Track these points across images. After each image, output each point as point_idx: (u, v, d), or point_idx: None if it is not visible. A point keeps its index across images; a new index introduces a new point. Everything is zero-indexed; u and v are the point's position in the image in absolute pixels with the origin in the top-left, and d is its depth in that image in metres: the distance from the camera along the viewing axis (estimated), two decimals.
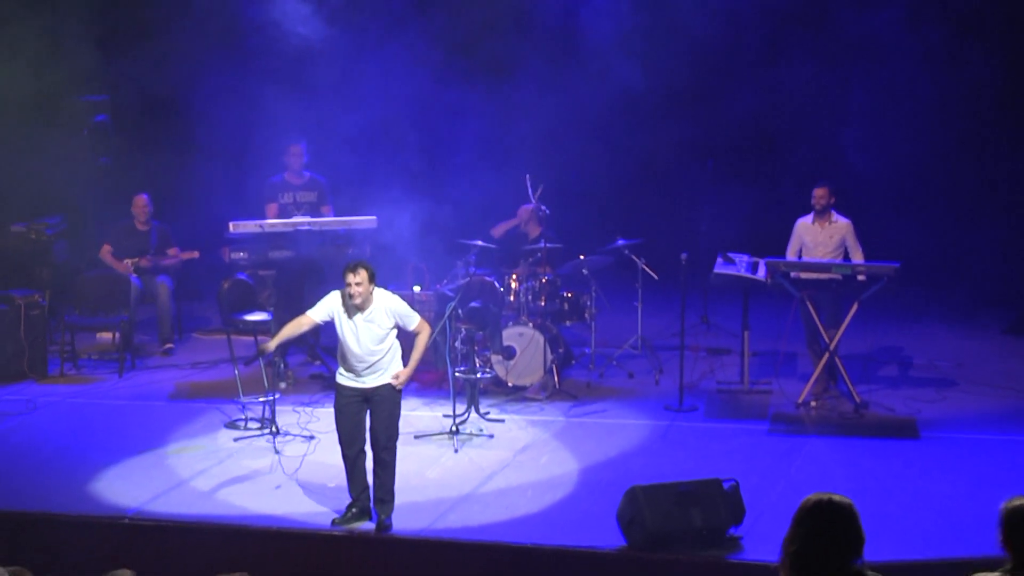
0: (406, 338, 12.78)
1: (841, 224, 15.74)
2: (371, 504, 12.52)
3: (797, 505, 7.67)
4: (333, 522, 12.52)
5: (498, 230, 17.29)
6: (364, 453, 12.54)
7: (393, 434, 12.47)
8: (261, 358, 13.94)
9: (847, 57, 19.77)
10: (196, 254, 18.36)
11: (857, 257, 15.54)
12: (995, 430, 14.84)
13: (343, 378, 12.46)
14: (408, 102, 19.10)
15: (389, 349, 12.35)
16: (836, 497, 7.22)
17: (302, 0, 17.48)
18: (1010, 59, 19.30)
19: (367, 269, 12.07)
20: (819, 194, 15.65)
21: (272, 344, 13.24)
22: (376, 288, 12.23)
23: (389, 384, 12.35)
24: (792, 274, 15.25)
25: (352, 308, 12.19)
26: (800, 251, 15.81)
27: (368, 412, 12.42)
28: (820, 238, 15.73)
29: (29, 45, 17.10)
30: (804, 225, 15.86)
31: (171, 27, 19.18)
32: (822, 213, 15.70)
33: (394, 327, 12.33)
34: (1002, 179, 19.51)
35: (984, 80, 19.41)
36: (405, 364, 12.55)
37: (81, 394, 16.84)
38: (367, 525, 12.53)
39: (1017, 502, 7.37)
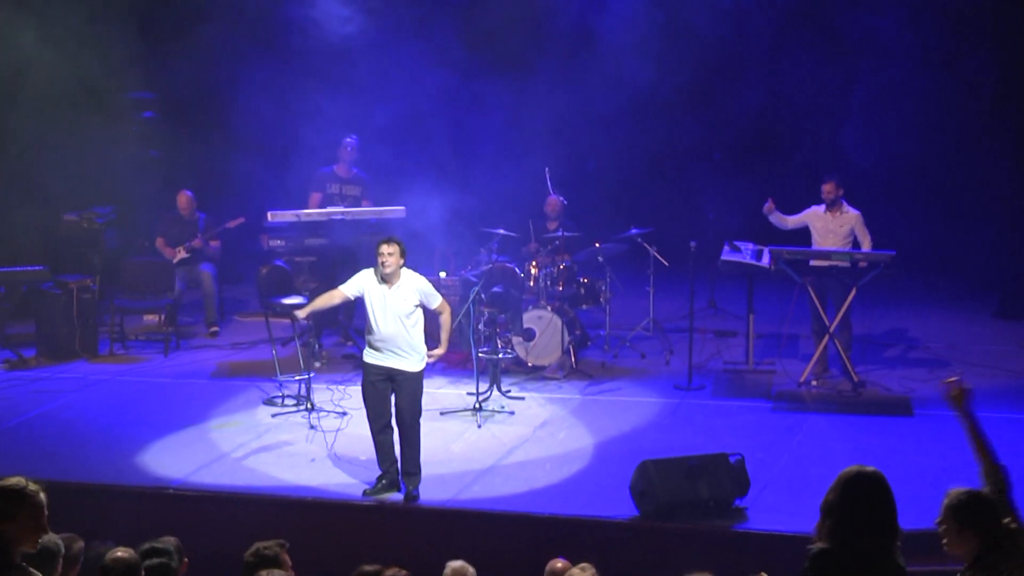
0: (431, 322, 12.85)
1: (851, 215, 15.70)
2: (399, 476, 12.57)
3: (800, 478, 7.68)
4: (364, 493, 12.56)
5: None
6: (391, 428, 12.59)
7: (417, 412, 12.56)
8: (298, 339, 14.00)
9: (848, 57, 19.70)
10: (241, 219, 18.31)
11: (866, 245, 15.52)
12: (985, 408, 14.56)
13: (370, 356, 12.51)
14: (436, 97, 19.07)
15: (413, 326, 12.41)
16: (870, 469, 7.24)
17: (338, 0, 17.45)
18: (1003, 60, 19.23)
19: (399, 244, 12.30)
20: (827, 188, 15.65)
21: (304, 312, 13.47)
22: (405, 268, 12.35)
23: (411, 372, 12.43)
24: (799, 260, 15.26)
25: (382, 282, 12.30)
26: (811, 235, 15.81)
27: (393, 391, 12.49)
28: (831, 227, 15.70)
29: (81, 47, 17.08)
30: (817, 213, 15.82)
31: (214, 27, 19.13)
32: (832, 205, 15.66)
33: (418, 305, 12.39)
34: (992, 174, 19.42)
35: (977, 81, 19.34)
36: (429, 346, 12.61)
37: (129, 373, 16.86)
38: (396, 496, 12.55)
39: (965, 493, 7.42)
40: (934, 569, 9.97)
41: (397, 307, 12.30)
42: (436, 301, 12.63)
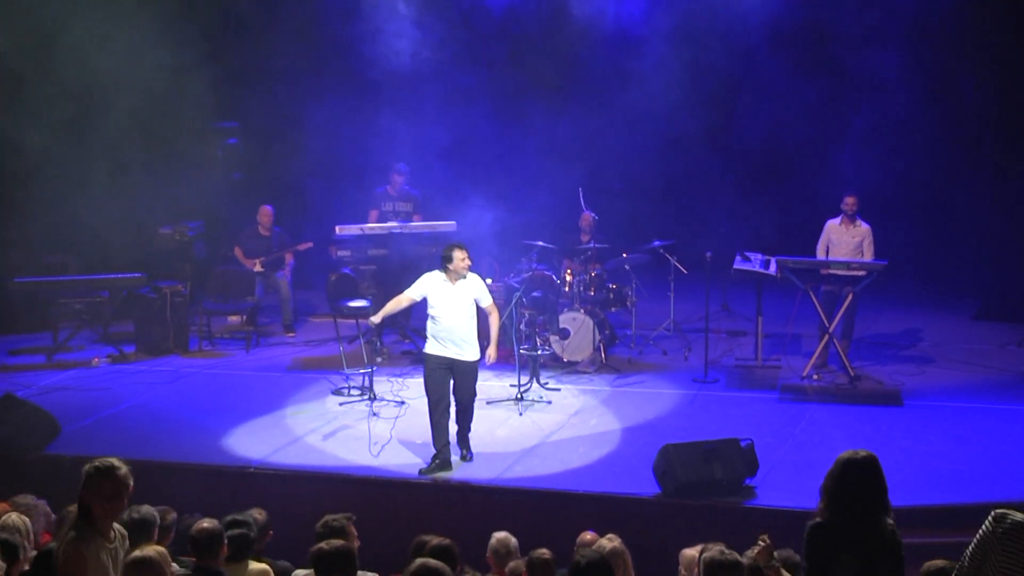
0: (482, 322, 12.94)
1: (863, 228, 15.70)
2: (450, 457, 12.68)
3: (803, 460, 7.64)
4: (420, 471, 12.58)
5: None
6: (448, 412, 12.73)
7: (472, 395, 12.89)
8: (362, 337, 14.06)
9: (847, 92, 19.63)
10: (310, 244, 18.38)
11: (868, 256, 15.51)
12: (966, 399, 14.75)
13: (432, 348, 12.68)
14: (484, 122, 19.03)
15: (471, 319, 12.67)
16: (862, 453, 7.25)
17: (400, 37, 17.44)
18: (985, 95, 19.15)
19: (466, 251, 12.68)
20: (849, 201, 15.68)
21: (377, 317, 13.58)
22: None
23: (469, 362, 12.67)
24: (811, 269, 15.25)
25: (446, 281, 12.58)
26: (828, 247, 15.77)
27: (452, 379, 12.64)
28: (844, 238, 15.68)
29: (175, 81, 17.13)
30: (832, 226, 15.80)
31: (289, 62, 19.22)
32: (850, 218, 15.64)
33: (474, 301, 12.64)
34: (973, 195, 19.34)
35: (962, 112, 19.26)
36: (480, 343, 12.84)
37: (215, 366, 16.89)
38: (449, 474, 12.56)
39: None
40: (922, 541, 9.92)
41: (460, 303, 12.60)
42: (487, 301, 12.90)
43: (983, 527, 7.11)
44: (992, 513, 7.10)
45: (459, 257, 12.53)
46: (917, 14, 18.31)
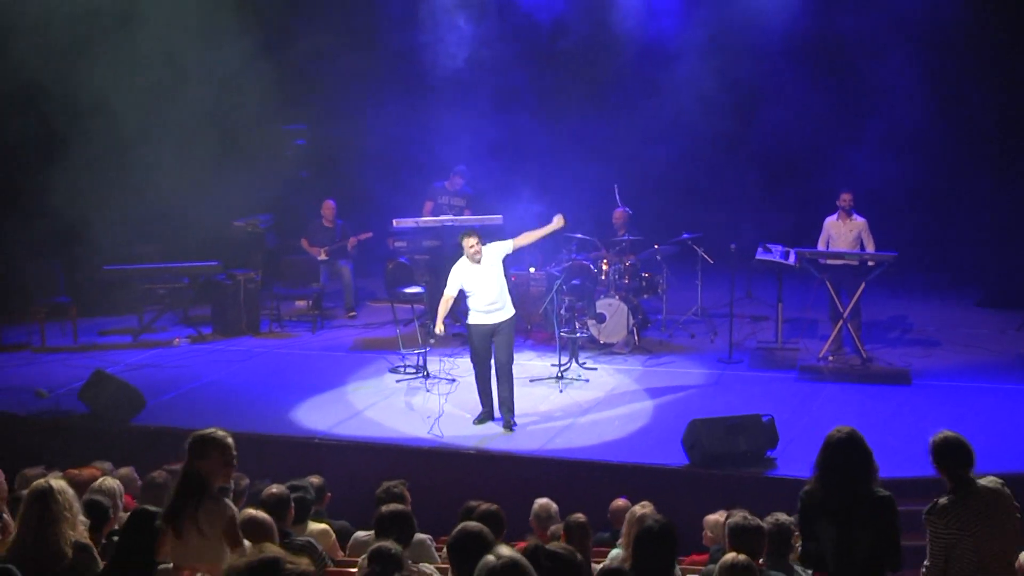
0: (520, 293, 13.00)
1: (859, 222, 15.61)
2: (496, 410, 13.08)
3: (820, 434, 7.62)
4: (473, 423, 13.09)
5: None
6: (491, 373, 13.02)
7: (511, 356, 13.06)
8: (416, 320, 14.19)
9: (860, 97, 19.51)
10: (370, 234, 18.42)
11: (870, 247, 15.42)
12: (969, 379, 14.69)
13: (475, 319, 12.98)
14: (530, 123, 19.03)
15: (501, 285, 12.93)
16: (847, 428, 7.31)
17: (453, 45, 17.42)
18: (994, 91, 19.10)
19: (476, 235, 12.95)
20: (846, 197, 15.60)
21: (439, 328, 13.28)
22: (482, 244, 12.91)
23: (508, 320, 12.93)
24: (821, 260, 15.16)
25: (475, 264, 12.78)
26: (828, 242, 15.68)
27: (493, 344, 12.84)
28: (842, 231, 15.60)
29: (250, 88, 17.19)
30: (831, 222, 15.73)
31: (351, 68, 19.22)
32: (846, 213, 15.58)
33: (501, 262, 12.89)
34: (976, 191, 19.21)
35: (969, 111, 19.16)
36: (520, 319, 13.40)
37: (284, 346, 16.97)
38: (494, 444, 12.59)
39: (943, 434, 7.47)
40: (923, 508, 9.89)
41: (490, 275, 12.86)
42: (509, 243, 13.16)
43: (928, 528, 7.33)
44: (925, 516, 7.27)
45: (467, 244, 12.85)
46: (925, 24, 18.21)
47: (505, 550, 5.13)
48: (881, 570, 7.24)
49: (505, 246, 13.03)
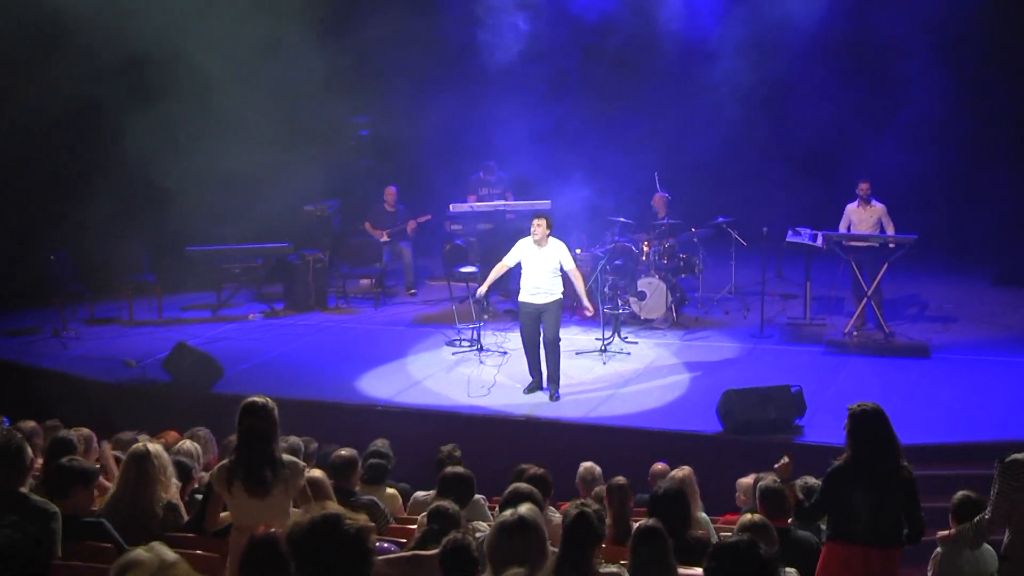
0: (570, 287, 13.01)
1: (878, 207, 15.48)
2: (544, 383, 13.08)
3: (845, 404, 7.58)
4: (524, 392, 13.11)
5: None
6: (539, 348, 13.02)
7: (558, 334, 13.04)
8: (471, 297, 14.24)
9: (885, 90, 19.34)
10: (429, 216, 18.42)
11: (890, 230, 15.30)
12: (985, 352, 14.60)
13: (525, 297, 12.97)
14: (575, 112, 18.98)
15: (553, 274, 12.83)
16: (871, 404, 7.29)
17: (506, 40, 17.36)
18: (1011, 83, 18.95)
19: (546, 218, 12.92)
20: (863, 187, 15.47)
21: (484, 288, 13.75)
22: (551, 236, 12.81)
23: (554, 301, 12.87)
24: (846, 242, 15.08)
25: (537, 246, 12.74)
26: (849, 227, 15.57)
27: (541, 322, 12.83)
28: (863, 217, 15.47)
29: (319, 82, 17.22)
30: (851, 208, 15.60)
31: (412, 63, 19.22)
32: (865, 200, 15.47)
33: (559, 263, 12.79)
34: (991, 177, 19.06)
35: (987, 102, 19.03)
36: (566, 296, 13.21)
37: (349, 321, 17.04)
38: (542, 411, 12.60)
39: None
40: (948, 473, 9.86)
41: (545, 263, 12.78)
42: (569, 265, 13.03)
43: (999, 480, 7.06)
44: (999, 464, 7.06)
45: (535, 224, 12.86)
46: (948, 22, 18.08)
47: (523, 508, 5.13)
48: (895, 536, 7.21)
49: (566, 258, 12.90)
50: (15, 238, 16.72)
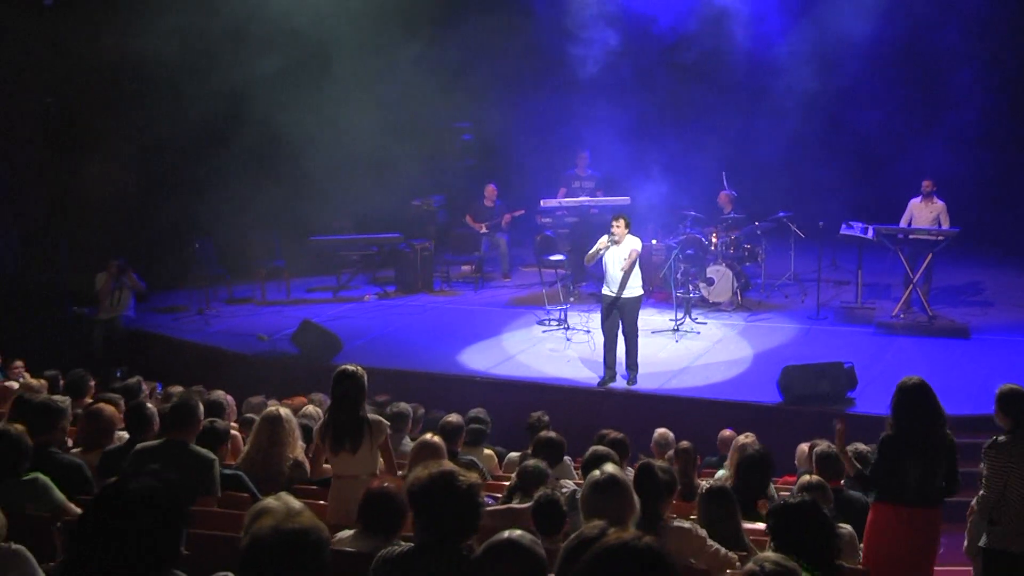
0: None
1: (939, 204, 15.33)
2: (617, 371, 12.76)
3: (892, 378, 7.51)
4: (599, 384, 12.73)
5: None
6: (616, 339, 12.73)
7: (635, 328, 12.75)
8: (559, 282, 14.23)
9: (936, 92, 18.97)
10: (522, 211, 18.42)
11: (945, 226, 15.11)
12: (1020, 334, 14.35)
13: (605, 290, 12.70)
14: (652, 114, 18.85)
15: (631, 270, 12.45)
16: (917, 378, 7.22)
17: (593, 49, 17.30)
18: None
19: (625, 218, 12.56)
20: (926, 184, 15.36)
21: (590, 254, 13.16)
22: (628, 235, 12.50)
23: (633, 297, 12.55)
24: (894, 234, 14.90)
25: (612, 243, 12.45)
26: (910, 220, 15.41)
27: (620, 315, 12.59)
28: (924, 213, 15.32)
29: (427, 93, 17.33)
30: (915, 203, 15.45)
31: (510, 73, 19.24)
32: (928, 196, 15.32)
33: (632, 254, 12.43)
34: None
35: None
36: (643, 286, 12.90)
37: (452, 302, 17.14)
38: (618, 385, 12.60)
39: (1010, 386, 7.31)
40: (979, 441, 9.73)
41: (619, 257, 12.44)
42: (628, 253, 12.38)
43: (986, 460, 7.21)
44: (983, 452, 7.14)
45: (614, 225, 12.51)
46: (989, 34, 17.76)
47: (609, 467, 5.15)
48: (936, 497, 7.19)
49: (637, 247, 12.50)
50: (168, 229, 17.02)
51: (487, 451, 9.48)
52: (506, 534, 3.71)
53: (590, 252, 12.97)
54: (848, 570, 5.76)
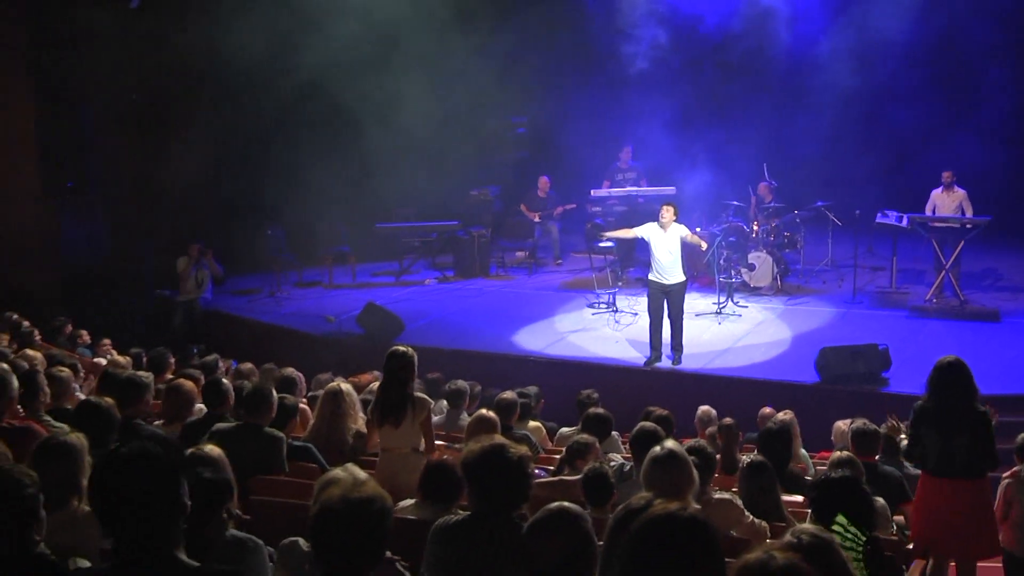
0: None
1: (959, 193, 15.19)
2: (662, 352, 12.63)
3: (925, 360, 7.46)
4: (645, 364, 12.66)
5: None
6: (663, 323, 12.64)
7: (682, 311, 12.65)
8: (608, 267, 14.16)
9: (967, 91, 18.67)
10: (574, 205, 18.40)
11: (968, 213, 15.01)
12: None
13: (653, 276, 12.58)
14: (701, 113, 18.69)
15: (678, 258, 12.39)
16: (952, 356, 7.19)
17: (641, 47, 17.19)
18: None
19: (673, 205, 12.53)
20: (947, 175, 15.26)
21: (611, 233, 13.78)
22: (675, 222, 12.41)
23: (678, 283, 12.46)
24: (928, 223, 14.75)
25: (662, 229, 12.34)
26: (933, 209, 15.26)
27: (666, 300, 12.47)
28: (946, 202, 15.19)
29: (484, 89, 17.32)
30: (936, 194, 15.35)
31: (562, 70, 19.21)
32: (949, 186, 15.15)
33: (680, 243, 12.37)
34: None
35: None
36: (687, 273, 12.76)
37: (507, 286, 17.16)
38: (664, 365, 12.55)
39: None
40: (1014, 420, 9.63)
41: (669, 245, 12.38)
42: (686, 233, 12.53)
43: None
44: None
45: (662, 211, 12.44)
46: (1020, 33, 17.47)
47: (669, 443, 5.15)
48: (979, 469, 7.09)
49: (686, 234, 12.49)
50: (242, 217, 17.19)
51: (532, 423, 9.50)
52: (556, 505, 3.72)
53: (620, 231, 12.93)
54: (884, 540, 5.74)
